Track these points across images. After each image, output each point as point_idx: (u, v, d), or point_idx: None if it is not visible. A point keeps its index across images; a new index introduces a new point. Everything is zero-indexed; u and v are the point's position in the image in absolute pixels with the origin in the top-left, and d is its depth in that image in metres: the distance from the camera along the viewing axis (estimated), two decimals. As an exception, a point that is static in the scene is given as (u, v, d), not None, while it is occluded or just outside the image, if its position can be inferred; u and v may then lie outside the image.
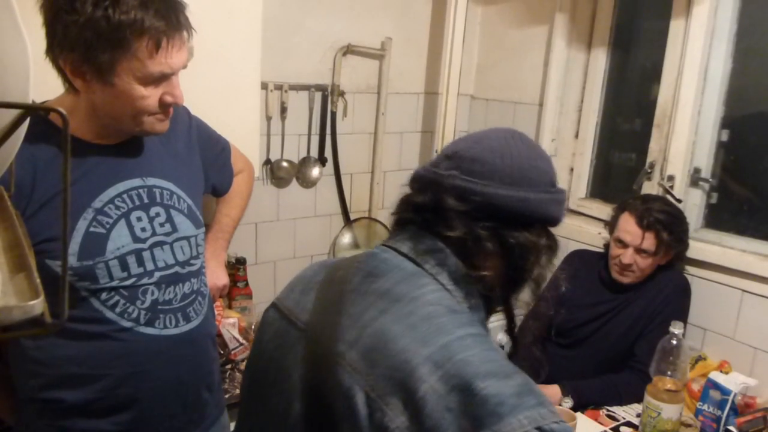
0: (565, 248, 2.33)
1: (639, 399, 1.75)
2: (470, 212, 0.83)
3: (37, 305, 0.39)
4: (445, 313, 0.78)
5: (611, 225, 2.02)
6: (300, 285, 0.95)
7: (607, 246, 2.05)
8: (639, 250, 1.89)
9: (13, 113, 0.40)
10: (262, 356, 0.93)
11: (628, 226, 1.91)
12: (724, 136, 2.04)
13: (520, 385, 0.71)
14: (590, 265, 2.12)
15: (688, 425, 1.71)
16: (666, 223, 1.88)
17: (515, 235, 0.85)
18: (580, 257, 2.19)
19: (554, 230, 0.91)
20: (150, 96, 1.17)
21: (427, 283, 0.82)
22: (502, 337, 2.38)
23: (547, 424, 0.69)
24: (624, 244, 1.92)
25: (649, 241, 1.87)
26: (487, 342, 0.76)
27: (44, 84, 1.12)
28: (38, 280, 0.42)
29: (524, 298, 0.92)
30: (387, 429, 0.71)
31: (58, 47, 1.10)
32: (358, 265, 0.88)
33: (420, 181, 0.90)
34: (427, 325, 0.76)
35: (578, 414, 1.72)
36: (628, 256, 1.91)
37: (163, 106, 1.20)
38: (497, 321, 0.95)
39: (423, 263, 0.84)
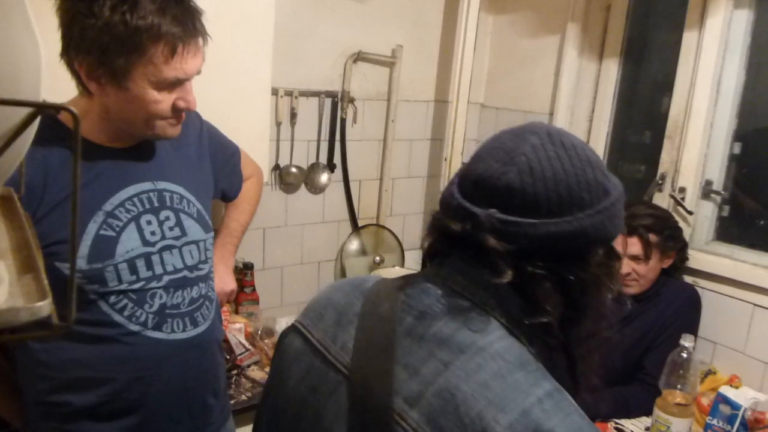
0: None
1: (648, 412, 1.73)
2: (517, 252, 0.71)
3: (45, 307, 0.38)
4: (518, 367, 0.68)
5: None
6: (332, 313, 0.82)
7: None
8: (631, 258, 1.90)
9: (24, 112, 0.40)
10: (292, 398, 0.81)
11: None
12: (737, 149, 2.03)
13: None
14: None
15: (698, 440, 1.69)
16: (649, 225, 1.89)
17: (574, 270, 0.73)
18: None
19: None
20: (163, 101, 1.17)
21: (492, 329, 0.71)
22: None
23: None
24: None
25: (635, 247, 1.89)
26: (565, 400, 0.68)
27: (57, 86, 1.13)
28: (46, 282, 0.42)
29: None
30: None
31: (74, 50, 1.10)
32: (406, 299, 0.76)
33: (451, 209, 0.76)
34: (500, 383, 0.66)
35: (586, 426, 1.70)
36: (623, 266, 1.91)
37: (176, 111, 1.21)
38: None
39: (482, 304, 0.72)
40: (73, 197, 0.35)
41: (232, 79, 1.83)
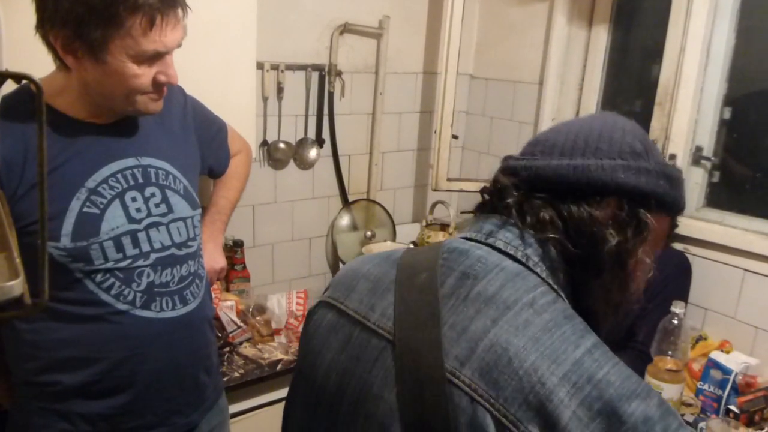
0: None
1: (639, 379, 1.74)
2: (519, 184, 0.79)
3: (16, 286, 0.37)
4: (564, 321, 0.70)
5: None
6: (365, 283, 0.81)
7: None
8: None
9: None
10: (332, 371, 0.79)
11: None
12: (727, 114, 2.02)
13: (660, 404, 0.66)
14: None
15: (689, 405, 1.71)
16: None
17: (570, 207, 0.76)
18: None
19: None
20: (143, 75, 1.14)
21: (536, 285, 0.73)
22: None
23: None
24: None
25: None
26: (610, 352, 0.69)
27: (36, 61, 1.10)
28: (18, 261, 0.40)
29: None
30: None
31: (49, 22, 1.07)
32: (445, 263, 0.77)
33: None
34: (550, 336, 0.67)
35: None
36: None
37: (157, 85, 1.18)
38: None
39: (525, 259, 0.75)
40: (40, 169, 0.34)
41: (216, 53, 1.80)
